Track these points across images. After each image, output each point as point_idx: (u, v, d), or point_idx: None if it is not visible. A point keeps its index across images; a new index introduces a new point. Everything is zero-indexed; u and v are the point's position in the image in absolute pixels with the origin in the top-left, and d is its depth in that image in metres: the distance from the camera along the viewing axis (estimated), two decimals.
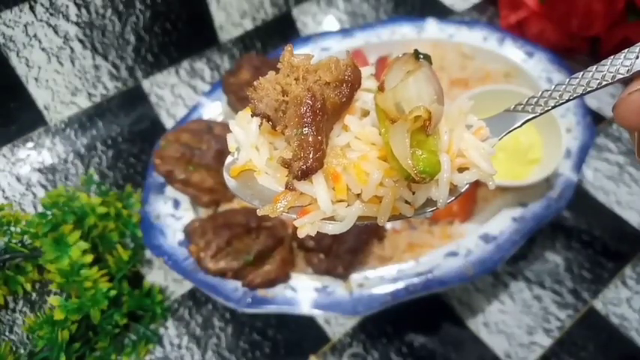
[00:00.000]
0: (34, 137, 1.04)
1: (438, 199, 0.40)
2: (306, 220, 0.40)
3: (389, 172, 0.39)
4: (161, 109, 1.12)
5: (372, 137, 0.41)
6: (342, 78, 0.41)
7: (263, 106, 0.41)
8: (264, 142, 0.43)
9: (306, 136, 0.38)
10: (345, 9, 1.28)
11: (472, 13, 1.26)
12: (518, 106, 0.44)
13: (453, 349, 0.84)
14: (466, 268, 0.79)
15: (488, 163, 0.41)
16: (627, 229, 0.93)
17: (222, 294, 0.80)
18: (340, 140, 0.42)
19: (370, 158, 0.40)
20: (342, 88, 0.41)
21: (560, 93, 0.41)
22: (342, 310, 0.78)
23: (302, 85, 0.40)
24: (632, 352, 0.82)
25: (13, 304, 0.89)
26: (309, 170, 0.38)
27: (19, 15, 0.92)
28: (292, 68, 0.42)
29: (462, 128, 0.42)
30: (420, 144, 0.38)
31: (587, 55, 1.14)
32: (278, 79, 0.41)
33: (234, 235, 0.82)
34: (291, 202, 0.40)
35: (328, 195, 0.39)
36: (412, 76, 0.40)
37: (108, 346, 0.83)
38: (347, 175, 0.39)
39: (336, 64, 0.41)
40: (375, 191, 0.39)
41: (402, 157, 0.37)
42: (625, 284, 0.88)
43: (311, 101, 0.39)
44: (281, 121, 0.40)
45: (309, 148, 0.38)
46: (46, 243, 0.80)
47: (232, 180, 0.45)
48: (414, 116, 0.37)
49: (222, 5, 1.13)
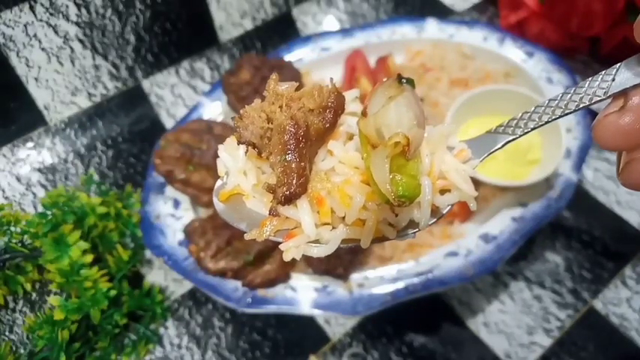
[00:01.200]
0: (34, 137, 1.04)
1: (420, 220, 0.41)
2: (291, 244, 0.41)
3: (371, 196, 0.40)
4: (161, 109, 1.12)
5: (356, 161, 0.42)
6: (325, 104, 0.43)
7: (248, 134, 0.42)
8: (251, 167, 0.45)
9: (289, 163, 0.40)
10: (345, 9, 1.28)
11: (472, 13, 1.26)
12: (499, 127, 0.45)
13: (453, 349, 0.84)
14: (466, 268, 0.79)
15: (469, 185, 0.42)
16: (627, 229, 0.93)
17: (222, 294, 0.80)
18: (325, 165, 0.43)
19: (353, 182, 0.41)
20: (326, 114, 0.43)
21: (539, 115, 0.42)
22: (342, 310, 0.78)
23: (286, 112, 0.41)
24: (632, 352, 0.82)
25: (13, 304, 0.89)
26: (292, 196, 0.39)
27: (19, 15, 0.92)
28: (277, 96, 0.43)
29: (443, 151, 0.43)
30: (400, 168, 0.39)
31: (587, 55, 1.14)
32: (263, 107, 0.43)
33: (234, 235, 0.82)
34: (277, 227, 0.41)
35: (312, 219, 0.40)
36: (393, 101, 0.41)
37: (108, 346, 0.83)
38: (331, 198, 0.40)
39: (320, 91, 0.43)
40: (358, 214, 0.40)
41: (381, 182, 0.38)
42: (625, 284, 0.88)
43: (294, 129, 0.40)
44: (266, 148, 0.42)
45: (292, 175, 0.39)
46: (46, 243, 0.80)
47: (220, 204, 0.46)
48: (393, 142, 0.38)
49: (222, 5, 1.13)
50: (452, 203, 0.42)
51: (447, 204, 0.42)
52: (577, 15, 1.03)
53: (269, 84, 0.44)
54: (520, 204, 0.85)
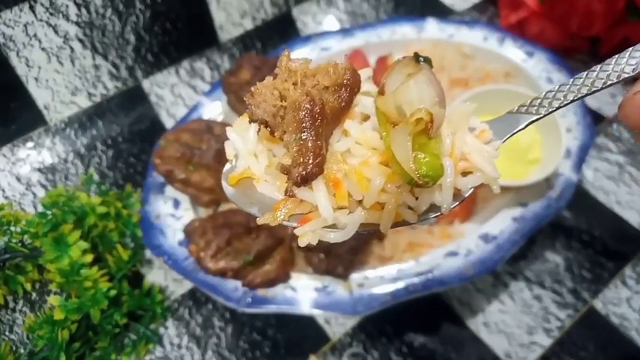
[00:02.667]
0: (34, 137, 1.04)
1: (442, 204, 0.39)
2: (307, 228, 0.39)
3: (391, 178, 0.38)
4: (161, 109, 1.12)
5: (373, 142, 0.40)
6: (340, 82, 0.41)
7: (261, 112, 0.40)
8: (262, 149, 0.43)
9: (305, 142, 0.38)
10: (345, 9, 1.28)
11: (472, 12, 1.26)
12: (521, 107, 0.43)
13: (453, 349, 0.84)
14: (466, 268, 0.79)
15: (493, 167, 0.40)
16: (627, 229, 0.93)
17: (222, 294, 0.80)
18: (340, 146, 0.41)
19: (371, 164, 0.39)
20: (341, 93, 0.41)
21: (564, 93, 0.40)
22: (342, 309, 0.78)
23: (300, 89, 0.40)
24: (632, 352, 0.82)
25: (13, 304, 0.89)
26: (309, 176, 0.37)
27: (19, 15, 0.92)
28: (290, 73, 0.41)
29: (464, 131, 0.41)
30: (422, 147, 0.37)
31: (587, 55, 1.14)
32: (276, 85, 0.41)
33: (234, 235, 0.82)
34: (291, 210, 0.39)
35: (330, 202, 0.38)
36: (413, 78, 0.39)
37: (108, 346, 0.83)
38: (348, 181, 0.38)
39: (335, 68, 0.41)
40: (377, 197, 0.38)
41: (404, 160, 0.36)
42: (625, 284, 0.88)
43: (309, 106, 0.38)
44: (279, 126, 0.40)
45: (308, 154, 0.37)
46: (46, 243, 0.80)
47: (230, 188, 0.44)
48: (415, 119, 0.37)
49: (222, 5, 1.13)
50: (474, 186, 0.40)
51: (469, 186, 0.40)
52: (577, 15, 1.03)
53: (281, 60, 0.41)
54: (520, 204, 0.85)
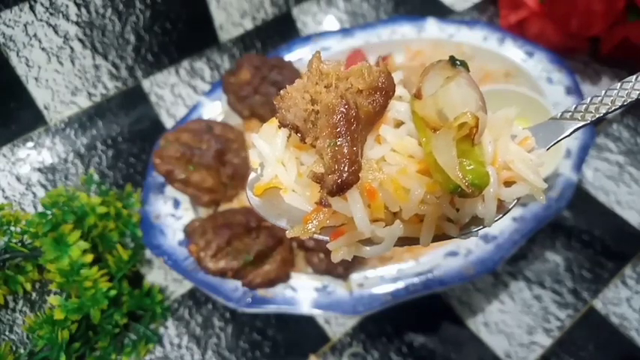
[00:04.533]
0: (34, 137, 1.04)
1: (485, 216, 0.37)
2: (341, 242, 0.36)
3: (431, 187, 0.35)
4: (161, 108, 1.12)
5: (411, 149, 0.37)
6: (375, 85, 0.38)
7: (291, 117, 0.37)
8: (290, 156, 0.40)
9: (340, 147, 0.35)
10: (345, 9, 1.28)
11: (472, 12, 1.26)
12: (565, 113, 0.41)
13: (453, 349, 0.84)
14: (466, 268, 0.79)
15: (538, 177, 0.37)
16: (627, 229, 0.93)
17: (222, 294, 0.80)
18: (374, 153, 0.38)
19: (409, 172, 0.36)
20: (376, 97, 0.38)
21: (612, 98, 0.38)
22: (342, 309, 0.78)
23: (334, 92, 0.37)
24: (632, 352, 0.82)
25: (13, 304, 0.89)
26: (344, 184, 0.34)
27: (19, 15, 0.92)
28: (322, 75, 0.38)
29: (506, 138, 0.38)
30: (465, 154, 0.35)
31: (587, 55, 1.13)
32: (307, 87, 0.38)
33: (234, 235, 0.82)
34: (323, 222, 0.37)
35: (366, 214, 0.35)
36: (453, 81, 0.37)
37: (108, 346, 0.83)
38: (383, 191, 0.36)
39: (369, 71, 0.38)
40: (416, 209, 0.36)
41: (450, 167, 0.34)
42: (625, 284, 0.88)
43: (345, 109, 0.35)
44: (311, 132, 0.37)
45: (344, 160, 0.34)
46: (46, 243, 0.80)
47: (256, 198, 0.41)
48: (459, 123, 0.35)
49: (222, 5, 1.13)
50: (519, 197, 0.38)
51: (513, 197, 0.38)
52: (577, 15, 1.02)
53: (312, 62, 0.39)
54: (520, 204, 0.85)
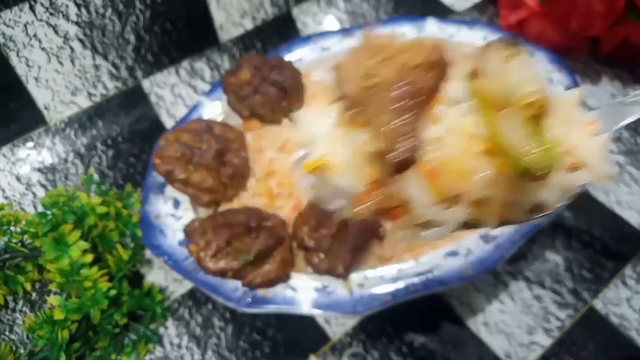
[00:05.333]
0: (34, 137, 1.04)
1: (549, 201, 0.36)
2: (399, 224, 0.35)
3: (500, 169, 0.34)
4: (161, 109, 1.12)
5: (472, 128, 0.35)
6: (432, 60, 0.36)
7: (349, 90, 0.36)
8: (341, 134, 0.38)
9: (400, 125, 0.33)
10: (345, 9, 1.28)
11: (472, 12, 1.26)
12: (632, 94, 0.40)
13: (453, 349, 0.84)
14: (466, 268, 0.79)
15: (606, 162, 0.35)
16: (627, 229, 0.93)
17: (222, 294, 0.80)
18: (431, 133, 0.35)
19: (472, 153, 0.34)
20: (433, 72, 0.36)
21: None
22: (342, 309, 0.78)
23: (391, 67, 0.35)
24: (632, 352, 0.82)
25: (13, 304, 0.89)
26: (404, 163, 0.33)
27: (19, 15, 0.92)
28: (375, 49, 0.36)
29: (571, 121, 0.36)
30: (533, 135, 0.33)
31: (587, 55, 1.13)
32: (361, 61, 0.36)
33: (234, 235, 0.82)
34: (377, 204, 0.35)
35: (427, 195, 0.34)
36: (515, 59, 0.35)
37: (108, 346, 0.83)
38: (445, 172, 0.34)
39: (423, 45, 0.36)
40: (481, 191, 0.34)
41: (520, 147, 0.32)
42: (625, 284, 0.88)
43: (405, 85, 0.34)
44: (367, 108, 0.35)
45: (404, 138, 0.33)
46: (46, 243, 0.80)
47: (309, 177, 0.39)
48: (528, 101, 0.33)
49: (222, 5, 1.13)
50: (585, 183, 0.36)
51: (579, 183, 0.36)
52: (577, 15, 1.02)
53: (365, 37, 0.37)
54: None
